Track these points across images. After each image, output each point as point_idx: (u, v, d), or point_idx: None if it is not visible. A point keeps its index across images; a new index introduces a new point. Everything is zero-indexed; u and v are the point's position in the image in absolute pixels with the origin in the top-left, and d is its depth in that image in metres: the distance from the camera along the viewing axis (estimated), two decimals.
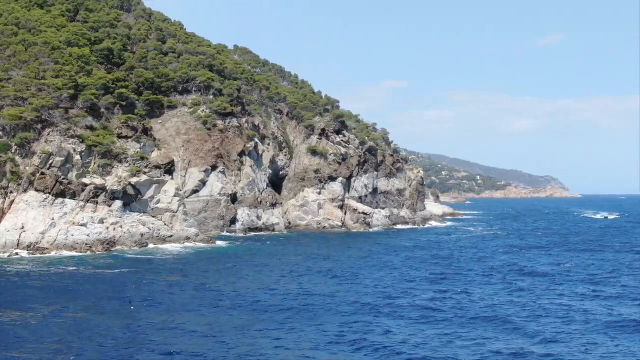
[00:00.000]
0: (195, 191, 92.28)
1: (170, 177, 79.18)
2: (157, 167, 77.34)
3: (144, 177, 75.48)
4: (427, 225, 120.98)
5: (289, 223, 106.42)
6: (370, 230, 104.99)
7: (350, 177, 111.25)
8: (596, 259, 67.35)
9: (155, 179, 76.20)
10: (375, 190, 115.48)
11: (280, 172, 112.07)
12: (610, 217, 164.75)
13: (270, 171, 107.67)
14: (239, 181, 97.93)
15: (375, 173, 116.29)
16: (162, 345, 29.02)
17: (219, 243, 77.85)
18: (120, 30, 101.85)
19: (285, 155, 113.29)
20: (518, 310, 38.08)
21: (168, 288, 44.77)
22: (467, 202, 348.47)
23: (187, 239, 75.44)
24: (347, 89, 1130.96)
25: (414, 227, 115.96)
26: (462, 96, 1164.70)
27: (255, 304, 39.05)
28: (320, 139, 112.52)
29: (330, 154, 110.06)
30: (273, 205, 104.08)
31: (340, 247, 77.36)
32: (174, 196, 77.39)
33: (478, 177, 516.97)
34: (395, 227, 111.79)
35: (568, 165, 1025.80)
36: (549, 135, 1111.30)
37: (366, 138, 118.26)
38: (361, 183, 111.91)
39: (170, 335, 31.00)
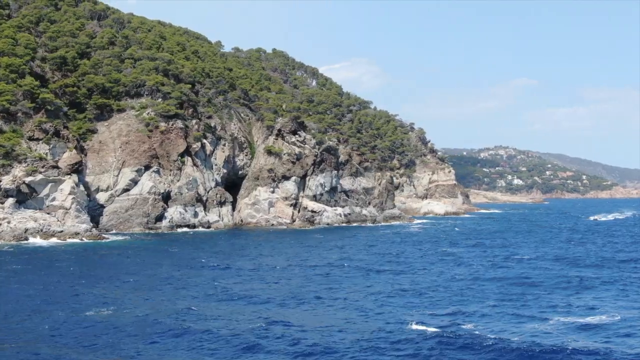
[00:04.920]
0: (126, 190, 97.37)
1: (71, 175, 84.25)
2: (55, 167, 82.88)
3: (39, 176, 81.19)
4: (388, 223, 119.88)
5: (241, 220, 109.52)
6: (310, 227, 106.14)
7: (305, 176, 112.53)
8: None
9: (51, 178, 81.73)
10: (334, 188, 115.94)
11: (240, 172, 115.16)
12: (602, 219, 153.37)
13: (225, 170, 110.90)
14: (177, 180, 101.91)
15: (335, 172, 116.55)
16: None
17: (112, 238, 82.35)
18: (81, 39, 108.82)
19: (246, 155, 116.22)
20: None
21: None
22: (545, 202, 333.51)
23: (76, 234, 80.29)
24: (475, 87, 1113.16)
25: (371, 225, 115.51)
26: (595, 93, 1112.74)
27: None
28: (277, 139, 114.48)
29: (284, 154, 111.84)
30: (221, 204, 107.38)
31: (216, 245, 79.77)
32: (69, 194, 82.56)
33: (584, 177, 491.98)
34: (346, 225, 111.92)
35: None
36: None
37: (325, 137, 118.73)
38: (316, 182, 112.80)
39: None
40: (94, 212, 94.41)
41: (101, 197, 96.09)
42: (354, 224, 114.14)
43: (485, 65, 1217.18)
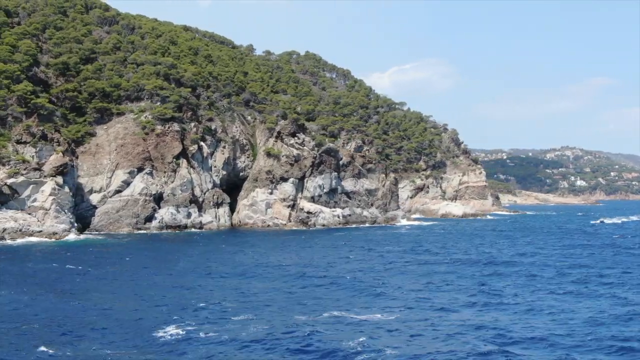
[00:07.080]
0: (118, 191, 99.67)
1: (55, 177, 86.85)
2: (37, 169, 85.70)
3: (21, 178, 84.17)
4: (389, 224, 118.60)
5: (239, 221, 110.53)
6: (303, 228, 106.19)
7: (303, 177, 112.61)
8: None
9: (32, 179, 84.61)
10: (334, 190, 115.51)
11: (241, 174, 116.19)
12: (607, 221, 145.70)
13: (225, 172, 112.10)
14: (172, 182, 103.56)
15: (335, 173, 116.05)
16: None
17: (78, 238, 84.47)
18: (86, 45, 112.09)
19: (248, 157, 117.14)
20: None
21: None
22: (599, 203, 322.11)
23: (54, 234, 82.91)
24: (550, 86, 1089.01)
25: (368, 225, 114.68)
26: None
27: None
28: (276, 141, 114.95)
29: (282, 155, 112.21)
30: (218, 205, 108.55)
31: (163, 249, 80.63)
32: (49, 195, 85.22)
33: None
34: (342, 227, 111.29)
35: None
36: None
37: (325, 139, 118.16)
38: (314, 183, 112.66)
39: None
40: (87, 212, 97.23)
41: (94, 198, 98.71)
42: (353, 225, 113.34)
43: (561, 64, 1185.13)
